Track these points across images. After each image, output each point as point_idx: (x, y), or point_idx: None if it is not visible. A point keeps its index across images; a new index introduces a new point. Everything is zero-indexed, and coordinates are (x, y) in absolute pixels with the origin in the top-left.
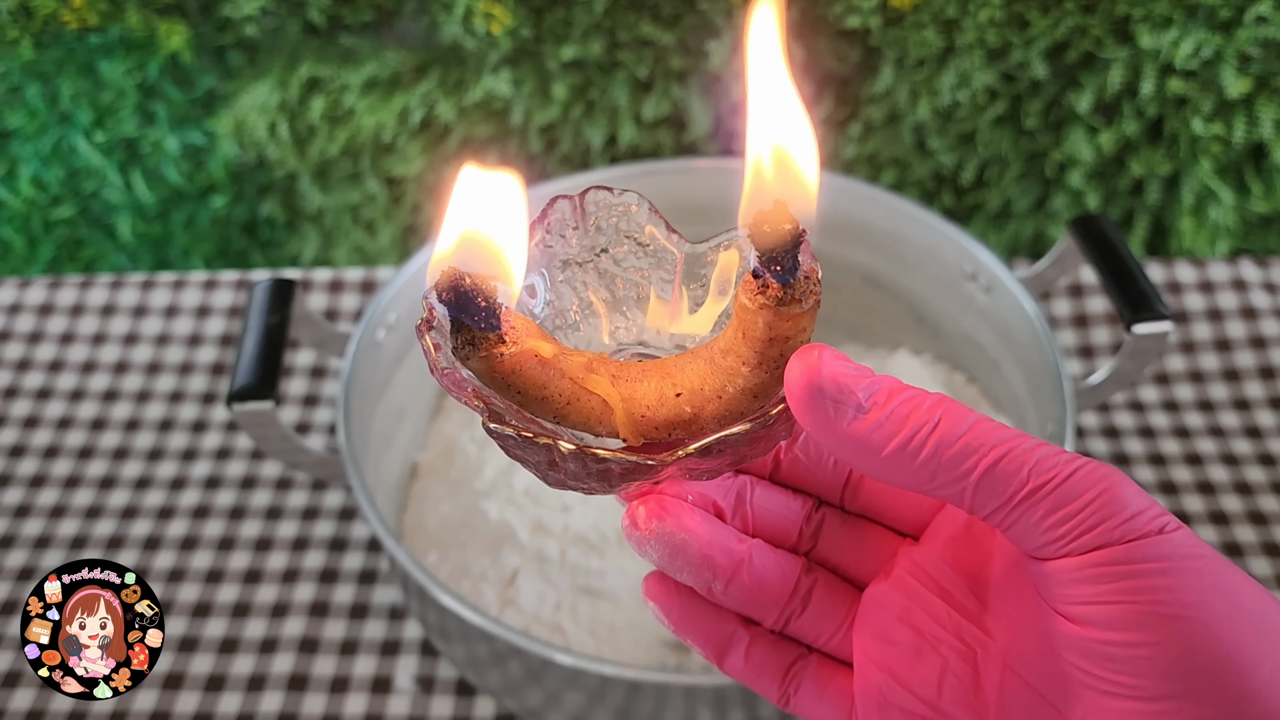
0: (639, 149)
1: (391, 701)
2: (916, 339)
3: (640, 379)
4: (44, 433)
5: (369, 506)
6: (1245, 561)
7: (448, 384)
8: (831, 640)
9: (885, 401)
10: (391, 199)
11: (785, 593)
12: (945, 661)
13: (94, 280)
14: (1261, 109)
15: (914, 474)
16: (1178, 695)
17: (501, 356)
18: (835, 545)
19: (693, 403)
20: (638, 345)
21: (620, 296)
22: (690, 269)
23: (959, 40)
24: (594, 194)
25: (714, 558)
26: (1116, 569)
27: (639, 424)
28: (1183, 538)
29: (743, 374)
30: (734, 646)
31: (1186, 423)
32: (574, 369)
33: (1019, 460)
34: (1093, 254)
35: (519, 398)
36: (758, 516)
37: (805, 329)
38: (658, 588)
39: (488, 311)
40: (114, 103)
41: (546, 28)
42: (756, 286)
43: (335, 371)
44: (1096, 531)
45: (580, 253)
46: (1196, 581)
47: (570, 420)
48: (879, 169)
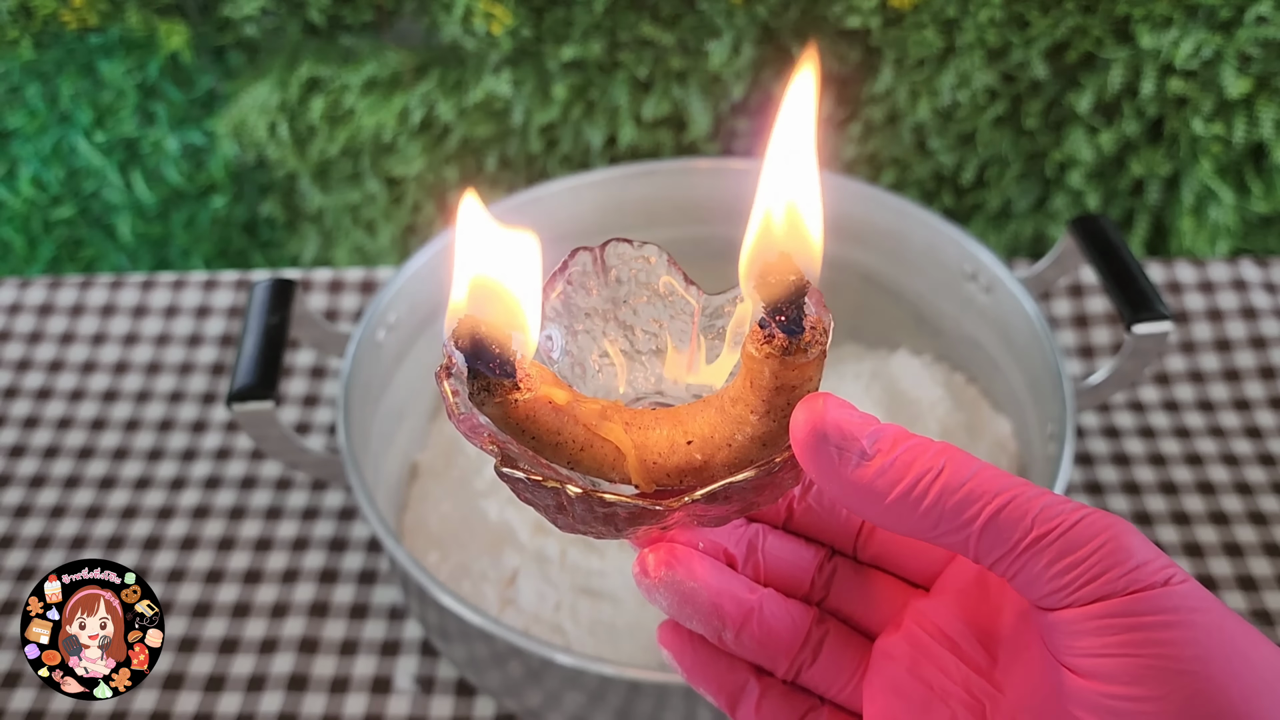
0: (639, 149)
1: (391, 701)
2: (916, 339)
3: (653, 426)
4: (44, 433)
5: (369, 507)
6: (1245, 562)
7: (464, 429)
8: (843, 692)
9: (889, 449)
10: (391, 199)
11: (796, 642)
12: (953, 715)
13: (94, 280)
14: (1261, 109)
15: (918, 521)
16: None
17: (516, 403)
18: (847, 595)
19: (703, 450)
20: (655, 394)
21: (639, 347)
22: (708, 320)
23: (959, 40)
24: (614, 246)
25: (723, 606)
26: (1121, 620)
27: (650, 470)
28: (1188, 590)
29: (751, 422)
30: (746, 697)
31: (1187, 423)
32: (588, 416)
33: (1023, 508)
34: (1093, 254)
35: (534, 443)
36: (769, 565)
37: (812, 378)
38: (671, 636)
39: (502, 359)
40: (114, 103)
41: (546, 28)
42: (763, 337)
43: (335, 372)
44: (1101, 581)
45: (600, 303)
46: (1203, 636)
47: (584, 466)
48: (879, 169)
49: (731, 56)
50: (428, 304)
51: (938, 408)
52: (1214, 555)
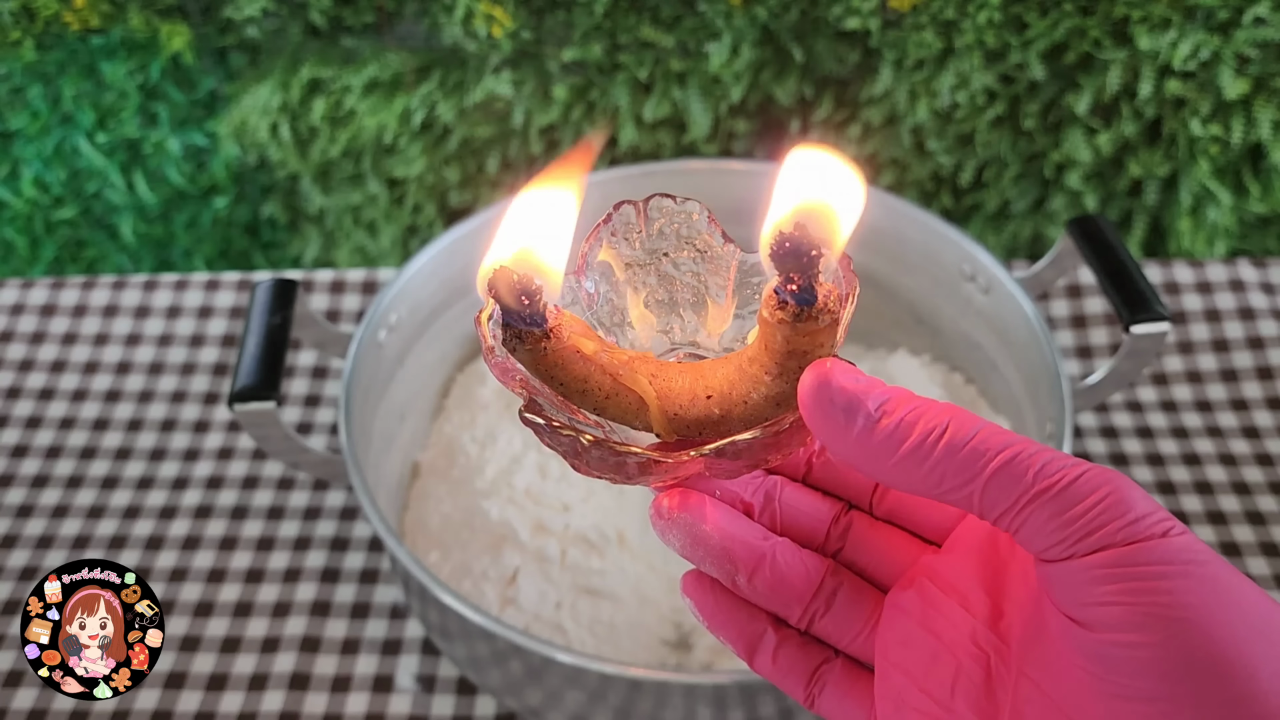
0: (639, 150)
1: (393, 700)
2: (915, 339)
3: (676, 379)
4: (46, 433)
5: (370, 506)
6: (1243, 561)
7: (498, 372)
8: (855, 642)
9: (895, 410)
10: (393, 200)
11: (809, 590)
12: (960, 665)
13: (96, 281)
14: (1259, 110)
15: (924, 478)
16: (1178, 697)
17: (545, 350)
18: (862, 549)
19: (721, 405)
20: (690, 346)
21: (678, 299)
22: (743, 277)
23: (958, 42)
24: (657, 200)
25: (733, 550)
26: (1120, 570)
27: (672, 421)
28: (1186, 542)
29: (765, 382)
30: (763, 646)
31: (1184, 423)
32: (614, 366)
33: (1025, 464)
34: (1091, 255)
35: (561, 389)
36: (785, 515)
37: (824, 344)
38: (694, 585)
39: (532, 309)
40: (116, 104)
41: (547, 30)
42: (776, 302)
43: (337, 372)
44: (1101, 533)
45: (642, 255)
46: (1198, 585)
47: (609, 413)
48: (878, 170)
49: (731, 58)
50: (429, 304)
51: None
52: None
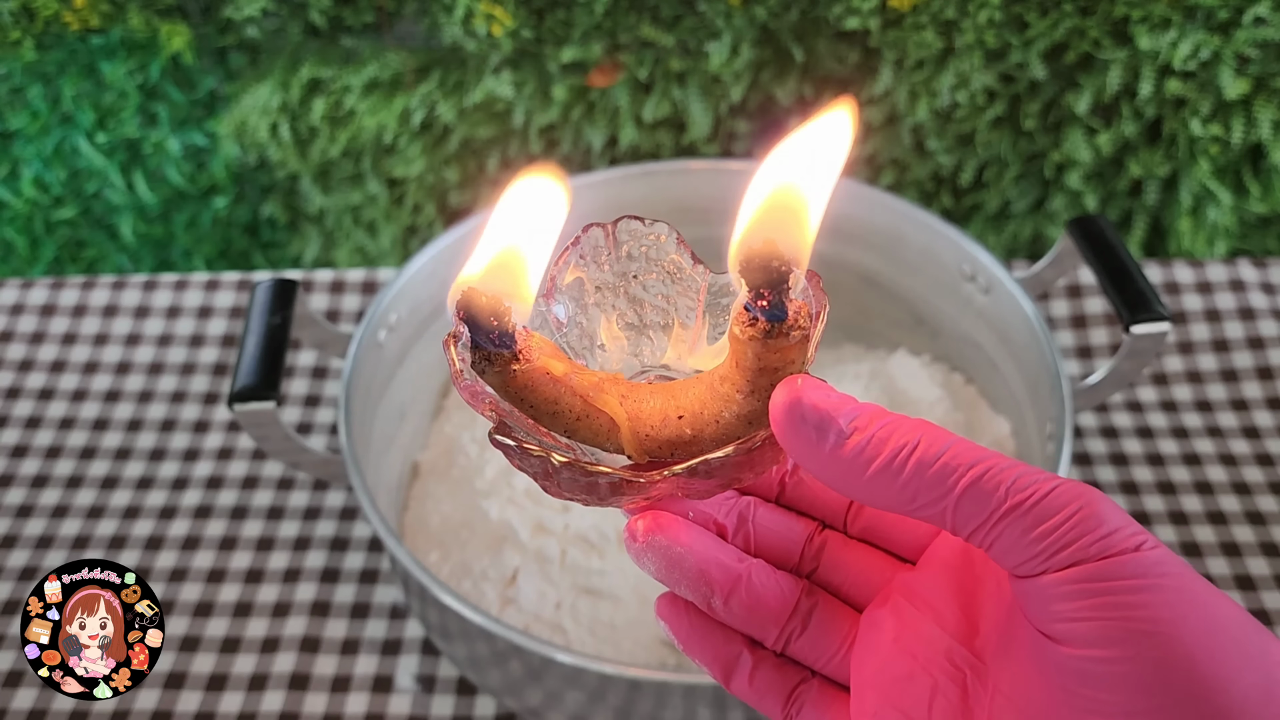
0: (639, 150)
1: (392, 700)
2: (915, 339)
3: (647, 399)
4: (46, 433)
5: (370, 506)
6: (1243, 561)
7: (467, 395)
8: (831, 662)
9: (866, 426)
10: (393, 200)
11: (785, 611)
12: (935, 684)
13: (96, 281)
14: (1259, 110)
15: (896, 495)
16: (1153, 711)
17: (515, 373)
18: (836, 568)
19: (693, 425)
20: (661, 368)
21: (648, 321)
22: (713, 298)
23: (958, 41)
24: (626, 223)
25: (709, 572)
26: (1092, 585)
27: (643, 442)
28: (1159, 556)
29: (737, 400)
30: (740, 668)
31: (1184, 423)
32: (584, 387)
33: (996, 479)
34: (1091, 255)
35: (532, 411)
36: (759, 536)
37: (794, 360)
38: (668, 608)
39: (501, 331)
40: (116, 104)
41: (547, 29)
42: (746, 320)
43: (336, 372)
44: (1074, 548)
45: (611, 278)
46: (1172, 598)
47: (580, 435)
48: (878, 170)
49: (731, 58)
50: (429, 304)
51: (936, 408)
52: (1212, 555)
